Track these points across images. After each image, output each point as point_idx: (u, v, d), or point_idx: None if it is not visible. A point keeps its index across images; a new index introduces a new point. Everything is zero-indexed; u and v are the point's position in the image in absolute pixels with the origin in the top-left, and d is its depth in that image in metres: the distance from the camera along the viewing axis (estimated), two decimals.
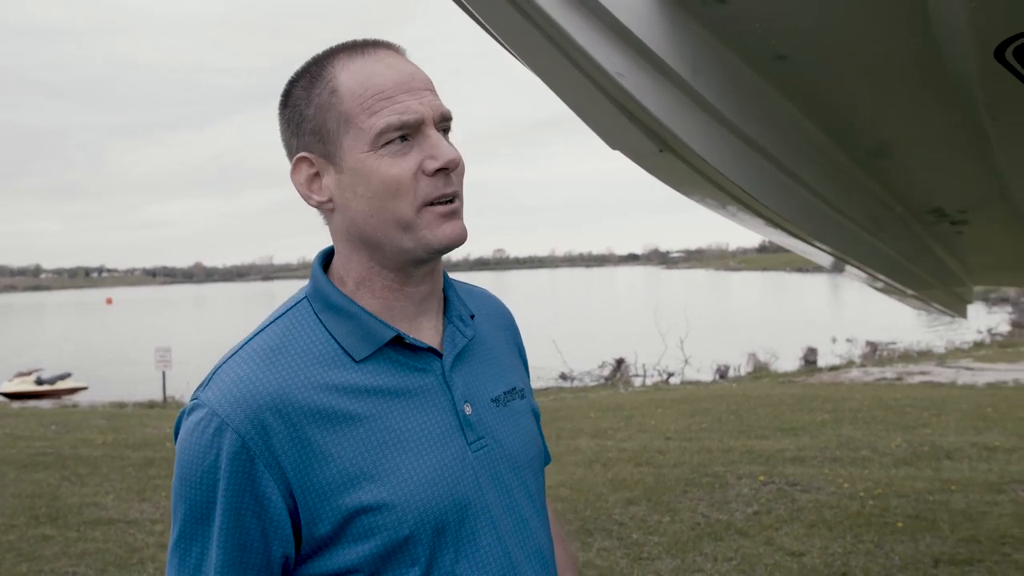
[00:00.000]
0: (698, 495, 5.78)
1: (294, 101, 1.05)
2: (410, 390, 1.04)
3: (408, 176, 1.00)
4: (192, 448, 0.96)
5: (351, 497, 0.96)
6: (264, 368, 0.99)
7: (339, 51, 1.05)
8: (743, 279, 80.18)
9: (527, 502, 1.12)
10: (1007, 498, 5.32)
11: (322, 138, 1.02)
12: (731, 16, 1.53)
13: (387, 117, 0.99)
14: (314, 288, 1.07)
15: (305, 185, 1.05)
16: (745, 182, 1.85)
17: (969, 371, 14.01)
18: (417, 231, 1.01)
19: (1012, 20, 1.28)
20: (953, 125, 1.91)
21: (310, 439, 0.96)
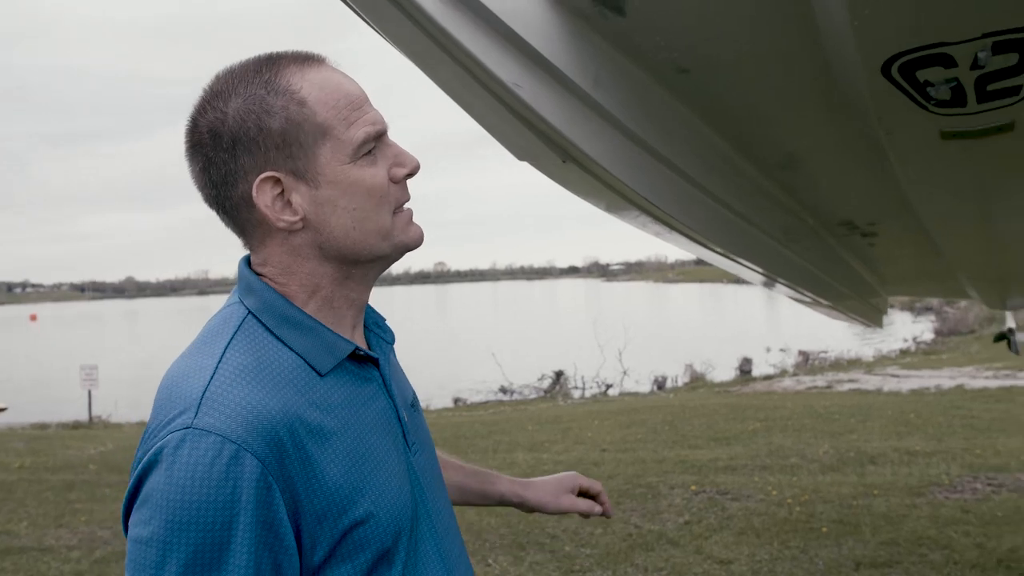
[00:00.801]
0: (631, 506, 5.81)
1: (240, 117, 0.95)
2: (366, 401, 1.03)
3: (386, 183, 1.01)
4: (200, 483, 0.84)
5: (346, 515, 0.94)
6: (260, 388, 0.92)
7: (280, 63, 0.98)
8: (682, 291, 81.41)
9: (444, 496, 1.17)
10: (925, 500, 5.48)
11: (292, 153, 0.96)
12: (631, 29, 1.54)
13: (365, 127, 0.99)
14: (263, 303, 1.00)
15: (271, 206, 0.97)
16: (651, 193, 1.86)
17: (895, 378, 14.42)
18: (394, 236, 1.03)
19: (896, 37, 1.31)
20: (852, 139, 1.96)
21: (312, 458, 0.92)
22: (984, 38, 1.28)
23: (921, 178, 2.01)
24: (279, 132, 0.95)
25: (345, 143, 0.97)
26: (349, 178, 0.98)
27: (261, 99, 0.96)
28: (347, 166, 0.98)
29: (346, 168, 0.98)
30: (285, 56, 1.00)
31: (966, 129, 1.61)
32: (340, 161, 0.97)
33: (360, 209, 0.99)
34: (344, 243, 1.00)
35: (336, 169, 0.97)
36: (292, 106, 0.96)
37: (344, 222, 0.99)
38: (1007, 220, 2.28)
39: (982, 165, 1.85)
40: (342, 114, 0.98)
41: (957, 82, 1.41)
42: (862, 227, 2.72)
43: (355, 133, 0.98)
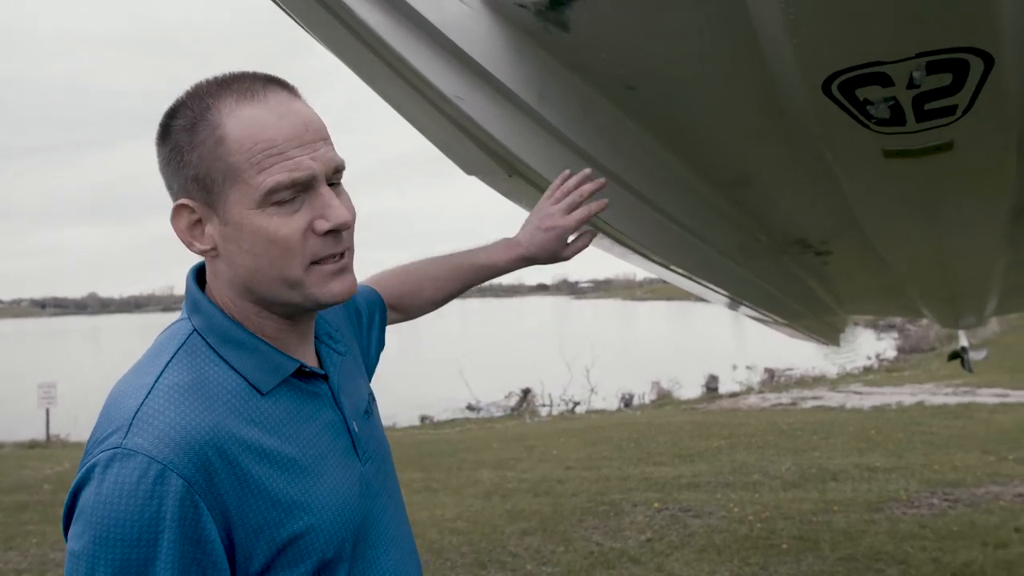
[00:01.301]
0: (593, 524, 5.79)
1: (174, 140, 0.97)
2: (311, 416, 1.04)
3: (297, 236, 0.96)
4: (125, 502, 0.87)
5: (284, 528, 0.95)
6: (193, 406, 0.93)
7: (226, 91, 0.97)
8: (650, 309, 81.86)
9: (396, 505, 1.18)
10: (884, 516, 5.53)
11: (206, 187, 0.96)
12: (576, 45, 1.55)
13: (277, 175, 0.94)
14: (207, 322, 1.01)
15: (187, 232, 1.00)
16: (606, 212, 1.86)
17: (858, 395, 14.59)
18: (305, 288, 0.99)
19: (833, 55, 1.33)
20: (801, 157, 1.97)
21: (247, 475, 0.93)
22: (918, 57, 1.29)
23: (868, 196, 2.03)
24: (195, 164, 0.96)
25: (252, 188, 0.94)
26: (252, 224, 0.95)
27: (191, 128, 0.96)
28: (252, 211, 0.95)
29: (250, 214, 0.95)
30: (233, 83, 0.97)
31: (907, 148, 1.63)
32: (246, 206, 0.95)
33: (263, 256, 0.96)
34: (250, 283, 0.99)
35: (242, 212, 0.95)
36: (211, 141, 0.95)
37: (247, 263, 0.97)
38: (953, 238, 2.32)
39: (926, 183, 1.87)
40: (255, 159, 0.94)
41: (895, 101, 1.42)
42: (815, 246, 2.75)
43: (264, 180, 0.94)
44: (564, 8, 1.44)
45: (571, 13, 1.45)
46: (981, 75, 1.34)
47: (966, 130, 1.52)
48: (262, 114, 0.95)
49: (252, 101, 0.96)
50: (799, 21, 1.25)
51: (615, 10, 1.44)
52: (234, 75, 0.99)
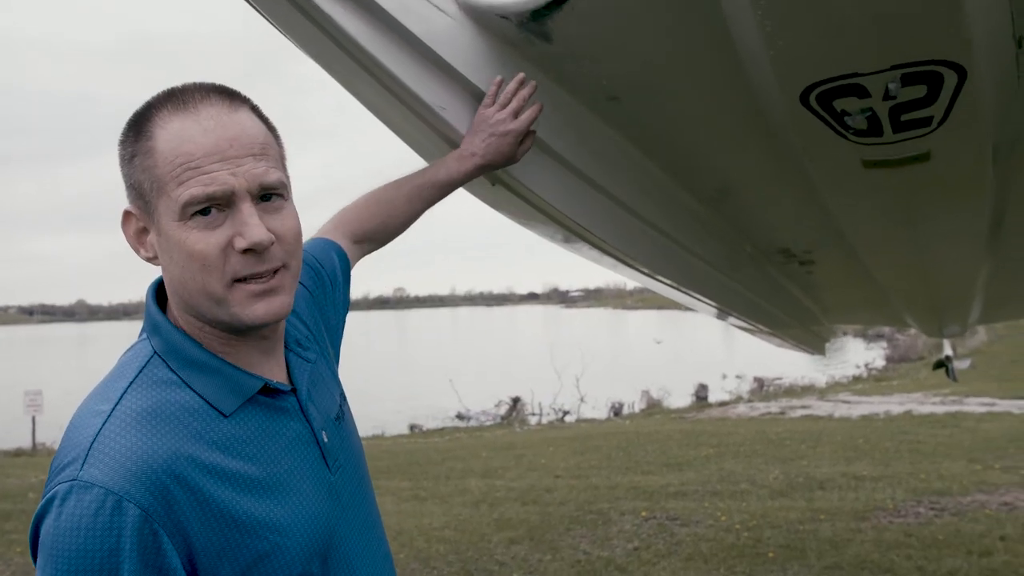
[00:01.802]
0: (581, 532, 5.79)
1: (122, 150, 1.00)
2: (277, 432, 1.03)
3: (215, 252, 0.95)
4: (84, 535, 0.87)
5: (249, 549, 0.95)
6: (150, 434, 0.93)
7: (164, 102, 0.98)
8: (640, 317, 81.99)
9: (369, 508, 1.18)
10: (870, 525, 5.55)
11: (141, 197, 0.98)
12: (559, 56, 1.56)
13: (192, 189, 0.94)
14: (166, 344, 1.00)
15: (134, 238, 1.02)
16: (583, 218, 1.88)
17: (846, 404, 14.64)
18: (229, 307, 0.97)
19: (810, 67, 1.35)
20: (782, 168, 2.00)
21: (209, 499, 0.93)
22: (893, 70, 1.32)
23: (849, 206, 2.05)
24: (132, 174, 0.98)
25: (173, 201, 0.95)
26: (175, 237, 0.96)
27: (132, 138, 0.98)
28: (174, 223, 0.96)
29: (174, 226, 0.96)
30: (173, 95, 0.98)
31: (885, 158, 1.65)
32: (170, 217, 0.96)
33: (186, 269, 0.96)
34: (183, 294, 0.99)
35: (167, 224, 0.96)
36: (142, 153, 0.97)
37: (176, 274, 0.98)
38: (934, 247, 2.34)
39: (905, 193, 1.89)
40: (175, 171, 0.94)
41: (872, 112, 1.44)
42: (799, 255, 2.77)
43: (181, 193, 0.94)
44: (546, 19, 1.45)
45: (553, 24, 1.46)
46: (955, 87, 1.36)
47: (942, 141, 1.54)
48: (189, 127, 0.95)
49: (184, 113, 0.96)
50: (775, 34, 1.26)
51: (597, 21, 1.45)
52: (183, 86, 0.99)
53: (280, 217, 0.99)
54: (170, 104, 0.97)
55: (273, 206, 0.99)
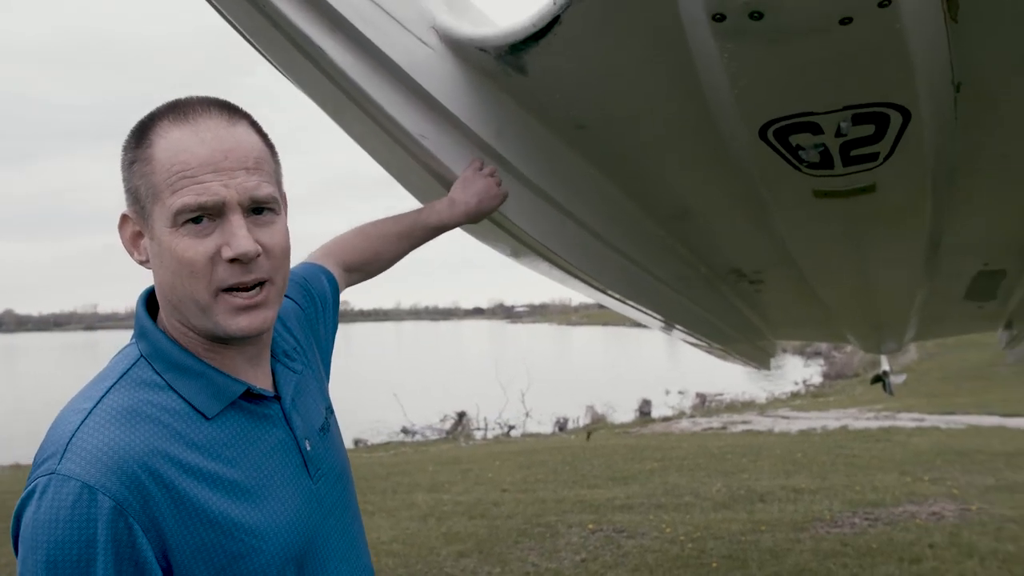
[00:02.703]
0: (529, 545, 5.85)
1: (123, 156, 1.04)
2: (260, 437, 1.07)
3: (203, 260, 0.99)
4: (62, 526, 0.90)
5: (223, 549, 0.98)
6: (128, 430, 0.96)
7: (166, 113, 1.02)
8: (584, 333, 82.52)
9: (352, 519, 1.21)
10: (808, 535, 5.73)
11: (138, 202, 1.02)
12: (532, 87, 1.64)
13: (184, 197, 0.98)
14: (152, 348, 1.04)
15: (129, 241, 1.07)
16: (551, 241, 1.96)
17: (785, 419, 14.99)
18: (213, 315, 1.01)
19: (769, 105, 1.45)
20: (738, 195, 2.11)
21: (185, 497, 0.96)
22: (845, 110, 1.43)
23: (799, 232, 2.17)
24: (130, 180, 1.03)
25: (166, 208, 0.99)
26: (167, 242, 1.00)
27: (133, 145, 1.03)
28: (167, 230, 0.99)
29: (167, 231, 0.99)
30: (178, 106, 1.03)
31: (835, 189, 1.76)
32: (164, 224, 1.00)
33: (175, 274, 1.00)
34: (172, 299, 1.03)
35: (162, 230, 1.00)
36: (141, 160, 1.01)
37: (167, 279, 1.02)
38: (876, 270, 2.48)
39: (851, 221, 2.02)
40: (171, 179, 0.98)
41: (825, 147, 1.55)
42: (749, 275, 2.90)
43: (174, 201, 0.98)
44: (523, 53, 1.53)
45: (529, 58, 1.54)
46: (900, 127, 1.48)
47: (887, 174, 1.66)
48: (186, 137, 0.99)
49: (183, 124, 1.00)
50: (739, 74, 1.36)
51: (571, 56, 1.54)
52: (186, 98, 1.04)
53: (269, 231, 1.03)
54: (171, 115, 1.01)
55: (264, 220, 1.03)
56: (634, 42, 1.50)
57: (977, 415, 13.46)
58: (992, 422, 12.51)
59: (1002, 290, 2.99)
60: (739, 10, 1.20)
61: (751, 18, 1.21)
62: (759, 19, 1.21)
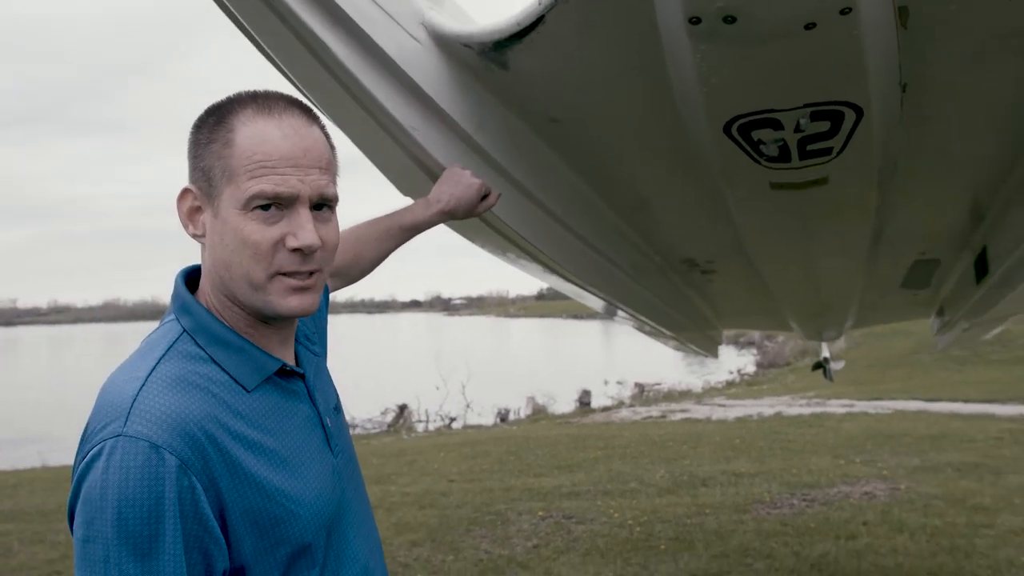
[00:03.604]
0: (481, 533, 5.94)
1: (197, 134, 1.09)
2: (291, 411, 1.14)
3: (268, 244, 1.06)
4: (132, 484, 0.94)
5: (267, 513, 1.04)
6: (184, 396, 1.01)
7: (249, 102, 1.08)
8: (523, 325, 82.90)
9: (363, 496, 1.29)
10: (750, 517, 5.96)
11: (208, 180, 1.08)
12: (512, 81, 1.72)
13: (262, 184, 1.04)
14: (196, 323, 1.10)
15: (186, 214, 1.11)
16: (524, 230, 2.05)
17: (722, 407, 15.38)
18: (265, 294, 1.08)
19: (736, 102, 1.56)
20: (696, 187, 2.22)
21: (236, 461, 1.02)
22: (805, 107, 1.54)
23: (754, 222, 2.29)
24: (205, 157, 1.08)
25: (241, 192, 1.05)
26: (235, 223, 1.06)
27: (212, 127, 1.08)
28: (237, 212, 1.05)
29: (235, 213, 1.06)
30: (260, 98, 1.09)
31: (790, 181, 1.89)
32: (234, 205, 1.06)
33: (235, 253, 1.06)
34: (224, 276, 1.09)
35: (230, 211, 1.06)
36: (220, 142, 1.07)
37: (224, 257, 1.08)
38: (822, 260, 2.63)
39: (803, 212, 2.15)
40: (250, 167, 1.04)
41: (784, 142, 1.67)
42: (702, 264, 3.03)
43: (251, 186, 1.04)
44: (506, 50, 1.61)
45: (511, 54, 1.62)
46: (853, 124, 1.60)
47: (839, 168, 1.79)
48: (270, 130, 1.06)
49: (267, 116, 1.07)
50: (709, 73, 1.46)
51: (551, 54, 1.62)
52: (266, 92, 1.11)
53: (327, 228, 1.11)
54: (255, 105, 1.07)
55: (323, 216, 1.11)
56: (611, 42, 1.58)
57: (902, 400, 14.01)
58: (916, 407, 13.05)
59: (936, 278, 3.19)
60: (714, 14, 1.29)
61: (725, 22, 1.31)
62: (732, 23, 1.31)
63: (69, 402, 25.58)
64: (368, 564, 1.21)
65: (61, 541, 6.20)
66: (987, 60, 1.59)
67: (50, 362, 55.96)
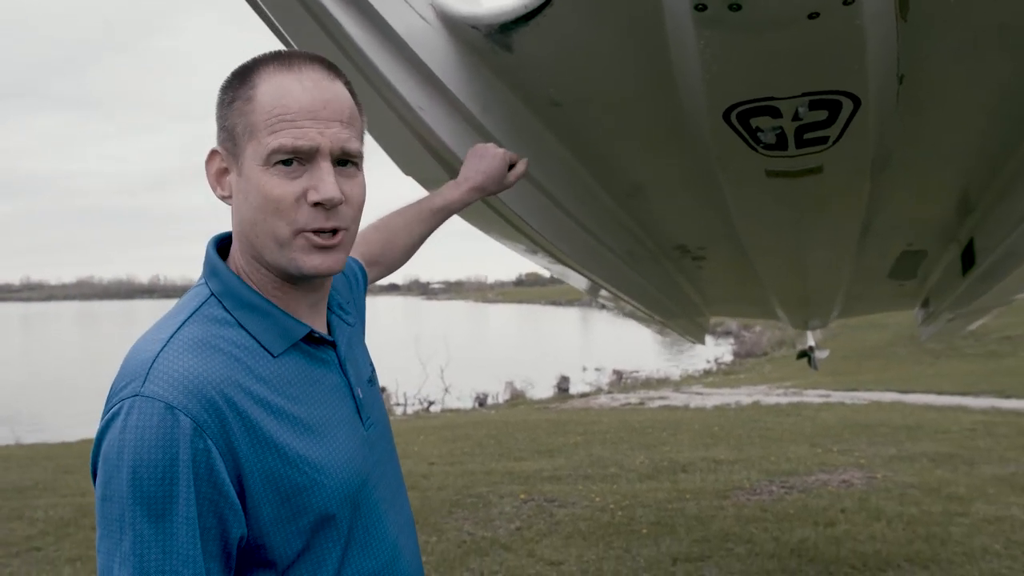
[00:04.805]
0: (463, 515, 5.98)
1: (223, 95, 1.08)
2: (319, 379, 1.12)
3: (290, 199, 1.04)
4: (147, 444, 0.93)
5: (288, 480, 1.02)
6: (204, 359, 1.00)
7: (271, 60, 1.07)
8: (501, 311, 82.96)
9: (396, 471, 1.27)
10: (730, 503, 6.04)
11: (232, 139, 1.07)
12: (517, 64, 1.74)
13: (282, 138, 1.03)
14: (223, 287, 1.09)
15: (214, 176, 1.11)
16: (524, 212, 2.07)
17: (700, 395, 15.52)
18: (290, 251, 1.07)
19: (736, 90, 1.58)
20: (692, 173, 2.25)
21: (256, 426, 1.01)
22: (803, 96, 1.57)
23: (747, 209, 2.33)
24: (228, 117, 1.08)
25: (262, 146, 1.04)
26: (257, 179, 1.05)
27: (235, 86, 1.08)
28: (258, 167, 1.04)
29: (258, 169, 1.05)
30: (282, 55, 1.08)
31: (786, 169, 1.91)
32: (256, 161, 1.05)
33: (259, 210, 1.05)
34: (250, 235, 1.09)
35: (253, 167, 1.05)
36: (242, 99, 1.07)
37: (249, 216, 1.08)
38: (812, 249, 2.67)
39: (797, 200, 2.18)
40: (271, 121, 1.03)
41: (781, 130, 1.69)
42: (693, 251, 3.06)
43: (271, 141, 1.03)
44: (512, 32, 1.63)
45: (517, 37, 1.64)
46: (850, 113, 1.63)
47: (834, 157, 1.82)
48: (290, 84, 1.06)
49: (287, 71, 1.06)
50: (712, 60, 1.48)
51: (555, 37, 1.64)
52: (289, 51, 1.10)
53: (351, 183, 1.09)
54: (276, 62, 1.07)
55: (347, 172, 1.09)
56: (615, 27, 1.60)
57: (878, 391, 14.20)
58: (891, 398, 13.25)
59: (922, 270, 3.24)
60: (720, 1, 1.31)
61: (730, 9, 1.33)
62: (737, 10, 1.33)
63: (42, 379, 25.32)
64: (398, 542, 1.19)
65: (39, 518, 6.18)
66: (982, 53, 1.63)
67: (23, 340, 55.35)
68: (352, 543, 1.10)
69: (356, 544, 1.11)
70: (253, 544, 1.02)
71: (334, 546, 1.08)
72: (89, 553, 5.30)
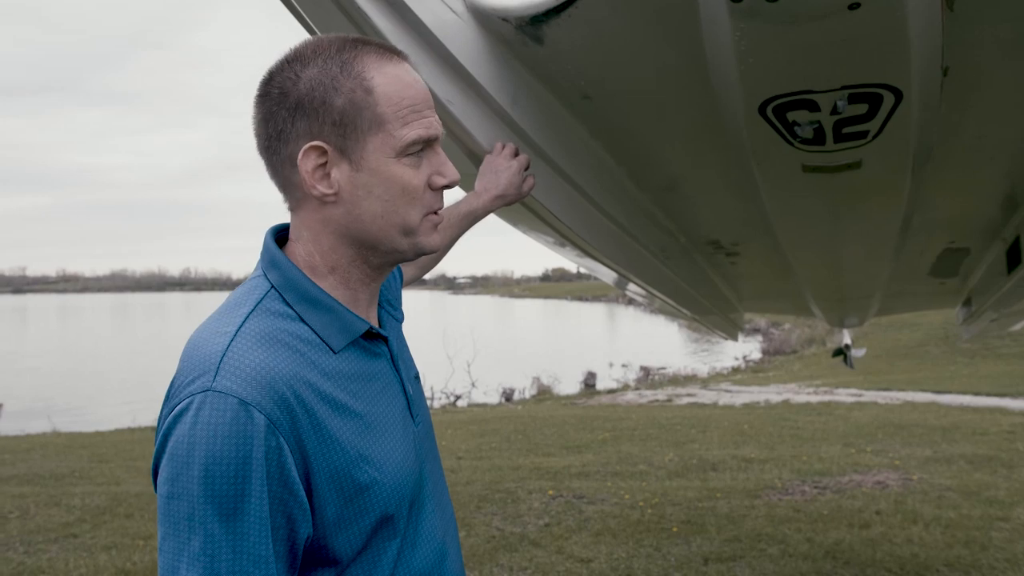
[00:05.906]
0: (492, 510, 5.97)
1: (310, 84, 1.02)
2: (375, 375, 1.10)
3: (423, 186, 1.07)
4: (220, 440, 0.91)
5: (352, 479, 1.00)
6: (273, 354, 0.98)
7: (366, 48, 1.05)
8: (527, 306, 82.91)
9: (440, 469, 1.25)
10: (762, 502, 5.96)
11: (345, 133, 1.03)
12: (547, 56, 1.71)
13: (417, 130, 1.05)
14: (285, 280, 1.06)
15: (311, 173, 1.04)
16: (554, 206, 2.04)
17: (728, 393, 15.39)
18: (416, 236, 1.09)
19: (772, 83, 1.54)
20: (727, 168, 2.21)
21: (322, 423, 0.99)
22: (843, 89, 1.53)
23: (783, 205, 2.28)
24: (339, 110, 1.02)
25: (395, 139, 1.03)
26: (389, 171, 1.04)
27: (334, 76, 1.02)
28: (390, 160, 1.04)
29: (389, 161, 1.04)
30: (369, 44, 1.06)
31: (823, 164, 1.87)
32: (386, 154, 1.04)
33: (391, 202, 1.05)
34: (369, 228, 1.06)
35: (380, 160, 1.04)
36: (359, 91, 1.03)
37: (374, 208, 1.05)
38: (851, 245, 2.62)
39: (834, 196, 2.13)
40: (400, 112, 1.03)
41: (819, 124, 1.65)
42: (727, 246, 3.02)
43: (406, 133, 1.04)
44: (542, 24, 1.60)
45: (547, 29, 1.61)
46: (892, 107, 1.59)
47: (874, 152, 1.77)
48: (403, 75, 1.06)
49: (392, 61, 1.06)
50: (748, 52, 1.45)
51: (587, 28, 1.61)
52: (361, 37, 1.07)
53: None
54: (374, 52, 1.05)
55: None
56: (648, 19, 1.57)
57: (912, 391, 13.97)
58: (926, 398, 13.02)
59: (964, 268, 3.16)
60: None
61: (767, 0, 1.29)
62: (774, 1, 1.29)
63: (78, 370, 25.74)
64: (444, 542, 1.17)
65: (75, 505, 6.27)
66: None
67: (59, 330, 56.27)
68: (405, 542, 1.09)
69: (408, 543, 1.10)
70: (316, 544, 1.00)
71: (390, 545, 1.06)
72: (123, 541, 5.37)
